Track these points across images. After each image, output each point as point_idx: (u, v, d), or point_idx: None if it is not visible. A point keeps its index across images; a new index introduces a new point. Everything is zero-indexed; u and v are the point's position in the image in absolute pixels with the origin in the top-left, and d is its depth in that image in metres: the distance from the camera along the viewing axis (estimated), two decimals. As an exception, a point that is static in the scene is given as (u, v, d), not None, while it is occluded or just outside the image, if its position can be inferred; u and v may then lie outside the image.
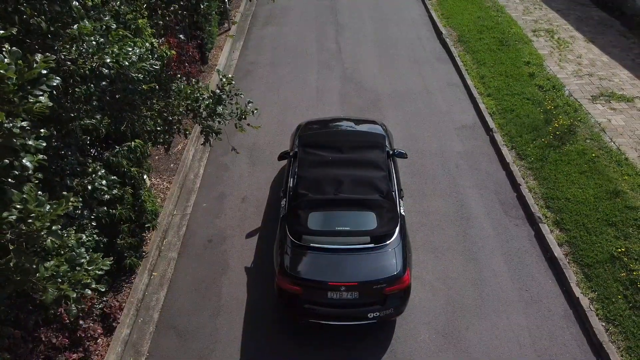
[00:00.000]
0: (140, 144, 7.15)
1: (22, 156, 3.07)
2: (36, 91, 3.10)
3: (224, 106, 5.81)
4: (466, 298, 7.88)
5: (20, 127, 2.98)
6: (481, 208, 9.51)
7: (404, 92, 13.07)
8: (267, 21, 17.09)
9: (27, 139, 3.07)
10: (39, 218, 3.14)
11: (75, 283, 3.59)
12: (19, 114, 3.03)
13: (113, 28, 4.25)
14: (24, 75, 3.02)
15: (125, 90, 4.40)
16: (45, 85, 3.16)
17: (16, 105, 2.98)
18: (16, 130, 2.96)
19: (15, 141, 2.95)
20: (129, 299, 7.75)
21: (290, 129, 11.43)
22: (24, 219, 3.14)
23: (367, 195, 7.49)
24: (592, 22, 15.96)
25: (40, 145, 3.17)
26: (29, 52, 3.80)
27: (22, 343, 5.71)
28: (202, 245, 8.91)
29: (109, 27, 4.21)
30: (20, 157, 3.06)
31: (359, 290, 6.83)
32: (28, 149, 3.10)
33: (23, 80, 3.03)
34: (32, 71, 3.05)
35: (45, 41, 3.81)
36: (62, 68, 3.98)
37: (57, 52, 3.97)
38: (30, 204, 3.14)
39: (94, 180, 4.57)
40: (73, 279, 3.56)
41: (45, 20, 3.75)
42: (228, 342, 7.34)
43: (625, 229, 8.57)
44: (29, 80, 3.07)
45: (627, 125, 11.14)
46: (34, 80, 3.11)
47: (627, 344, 7.13)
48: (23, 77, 3.02)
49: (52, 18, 3.78)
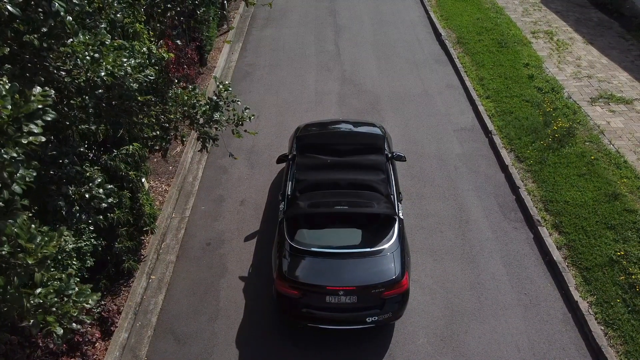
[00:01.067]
0: (138, 148, 7.15)
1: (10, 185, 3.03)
2: (31, 125, 3.08)
3: (220, 113, 5.80)
4: (465, 302, 7.87)
5: (11, 157, 2.94)
6: (480, 211, 9.49)
7: (403, 94, 13.06)
8: (266, 23, 17.08)
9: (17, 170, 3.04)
10: (30, 254, 3.10)
11: (62, 315, 3.54)
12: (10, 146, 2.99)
13: (108, 43, 4.24)
14: (19, 109, 3.00)
15: (122, 97, 4.39)
16: (40, 120, 3.14)
17: (9, 137, 2.95)
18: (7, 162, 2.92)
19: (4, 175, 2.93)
20: (127, 303, 7.74)
21: (289, 131, 11.42)
22: (14, 253, 3.10)
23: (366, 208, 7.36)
24: (591, 24, 15.96)
25: (31, 174, 3.14)
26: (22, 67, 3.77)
27: (19, 348, 5.70)
28: (201, 248, 8.90)
29: (104, 42, 4.19)
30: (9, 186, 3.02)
31: (357, 295, 6.82)
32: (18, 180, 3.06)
33: (18, 114, 3.00)
34: (29, 106, 3.03)
35: (39, 54, 3.79)
36: (56, 79, 3.97)
37: (51, 65, 3.95)
38: (22, 239, 3.10)
39: (91, 189, 4.55)
40: (60, 310, 3.51)
41: (37, 38, 3.73)
42: (226, 346, 7.32)
43: (624, 232, 8.56)
44: (25, 115, 3.05)
45: (626, 127, 11.13)
46: (30, 114, 3.08)
47: (626, 348, 7.12)
48: (19, 111, 3.00)
49: (45, 33, 3.76)
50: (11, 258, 3.10)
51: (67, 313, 3.58)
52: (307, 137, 9.01)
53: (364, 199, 7.51)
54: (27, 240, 3.15)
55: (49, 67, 3.95)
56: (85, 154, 6.07)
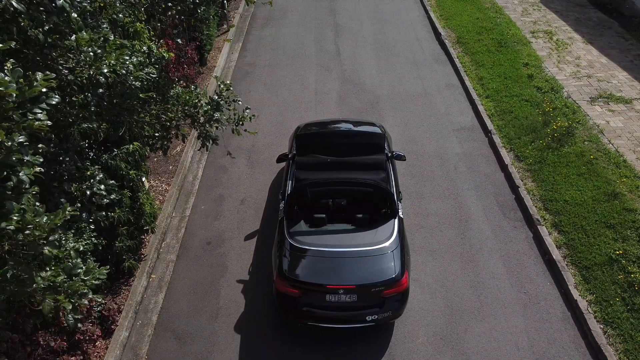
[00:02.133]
0: (138, 147, 7.16)
1: (19, 170, 3.08)
2: (36, 109, 3.12)
3: (221, 112, 5.82)
4: (464, 300, 7.89)
5: (19, 143, 3.00)
6: (479, 210, 9.51)
7: (403, 93, 13.08)
8: (266, 23, 17.10)
9: (25, 154, 3.09)
10: (37, 228, 3.15)
11: (72, 293, 3.59)
12: (18, 131, 3.05)
13: (111, 40, 4.26)
14: (24, 93, 3.04)
15: (123, 96, 4.41)
16: (45, 104, 3.18)
17: (15, 122, 3.00)
18: (14, 147, 2.98)
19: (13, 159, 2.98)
20: (128, 302, 7.75)
21: (289, 130, 11.44)
22: (21, 229, 3.15)
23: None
24: (591, 24, 15.98)
25: (38, 160, 3.18)
26: (26, 62, 3.79)
27: (21, 347, 5.71)
28: (201, 247, 8.91)
29: (107, 38, 4.21)
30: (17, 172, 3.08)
31: (357, 293, 6.84)
32: (25, 164, 3.11)
33: (23, 98, 3.04)
34: (33, 89, 3.07)
35: (42, 51, 3.82)
36: (59, 77, 3.99)
37: (55, 62, 3.97)
38: (29, 215, 3.15)
39: (92, 185, 4.57)
40: (70, 289, 3.56)
41: (42, 32, 3.76)
42: (226, 344, 7.34)
43: (624, 231, 8.58)
44: (30, 99, 3.09)
45: (626, 127, 11.15)
46: (34, 98, 3.12)
47: (625, 346, 7.14)
48: (24, 95, 3.04)
49: (50, 29, 3.79)
50: (20, 234, 3.16)
51: (77, 291, 3.64)
52: (307, 137, 9.03)
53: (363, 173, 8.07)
54: (33, 215, 3.21)
55: (52, 64, 3.97)
56: (86, 153, 6.09)
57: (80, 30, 3.94)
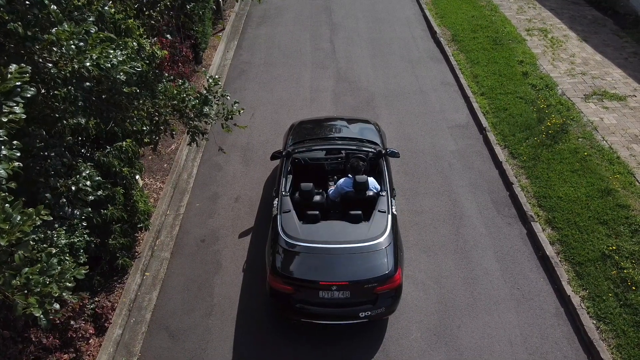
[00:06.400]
0: (131, 144, 7.15)
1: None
2: (10, 102, 3.07)
3: (210, 107, 5.81)
4: (458, 297, 7.90)
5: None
6: (474, 207, 9.53)
7: (398, 91, 13.08)
8: (261, 21, 17.09)
9: (2, 149, 3.04)
10: (2, 236, 3.06)
11: (45, 295, 3.51)
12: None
13: (93, 32, 4.23)
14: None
15: (111, 91, 4.40)
16: (19, 97, 3.13)
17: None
18: None
19: None
20: (121, 299, 7.74)
21: (284, 128, 11.42)
22: None
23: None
24: (586, 21, 16.01)
25: (15, 154, 3.13)
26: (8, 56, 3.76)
27: (12, 343, 5.70)
28: (195, 245, 8.91)
29: (88, 31, 4.19)
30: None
31: (350, 290, 6.84)
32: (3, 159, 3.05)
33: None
34: (6, 84, 3.02)
35: (24, 44, 3.79)
36: (43, 70, 3.97)
37: (36, 55, 3.95)
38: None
39: (78, 181, 4.53)
40: (43, 292, 3.48)
41: (22, 26, 3.73)
42: (220, 341, 7.34)
43: (617, 227, 8.60)
44: (3, 92, 3.04)
45: (619, 123, 11.18)
46: (9, 91, 3.07)
47: (618, 341, 7.16)
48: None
49: (29, 22, 3.76)
50: None
51: (49, 293, 3.56)
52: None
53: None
54: (2, 220, 3.14)
55: (34, 57, 3.96)
56: (78, 150, 6.07)
57: (60, 23, 3.92)
